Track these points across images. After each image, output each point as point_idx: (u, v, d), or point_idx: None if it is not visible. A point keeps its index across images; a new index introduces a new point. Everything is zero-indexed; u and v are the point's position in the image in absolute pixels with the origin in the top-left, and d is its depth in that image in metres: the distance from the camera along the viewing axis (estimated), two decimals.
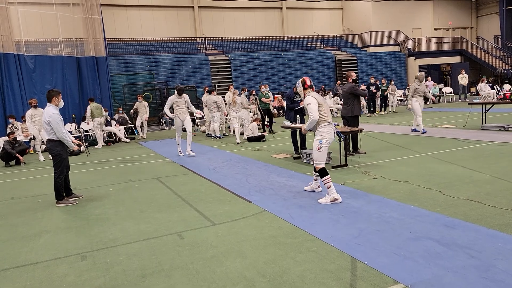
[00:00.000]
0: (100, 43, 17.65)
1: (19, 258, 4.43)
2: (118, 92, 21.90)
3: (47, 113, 6.44)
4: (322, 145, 5.66)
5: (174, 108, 10.56)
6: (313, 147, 5.75)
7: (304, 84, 5.89)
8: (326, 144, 5.69)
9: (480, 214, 4.67)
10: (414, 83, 11.84)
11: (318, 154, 5.67)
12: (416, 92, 11.69)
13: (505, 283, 3.12)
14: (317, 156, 5.68)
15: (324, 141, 5.67)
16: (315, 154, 5.70)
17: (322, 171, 5.60)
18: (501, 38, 30.32)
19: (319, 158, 5.67)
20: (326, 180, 5.57)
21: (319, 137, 5.69)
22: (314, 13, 32.24)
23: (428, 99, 23.99)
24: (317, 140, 5.70)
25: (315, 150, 5.71)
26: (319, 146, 5.66)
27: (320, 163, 5.65)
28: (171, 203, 6.22)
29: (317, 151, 5.68)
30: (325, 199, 5.58)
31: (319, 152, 5.67)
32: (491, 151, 8.43)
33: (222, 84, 24.33)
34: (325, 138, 5.68)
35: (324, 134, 5.69)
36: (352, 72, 9.41)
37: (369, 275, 3.41)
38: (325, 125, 5.71)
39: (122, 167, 9.84)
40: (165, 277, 3.68)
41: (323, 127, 5.72)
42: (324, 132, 5.70)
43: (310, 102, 5.69)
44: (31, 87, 15.52)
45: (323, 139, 5.67)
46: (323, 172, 5.60)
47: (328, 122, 5.72)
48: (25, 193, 7.75)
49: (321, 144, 5.66)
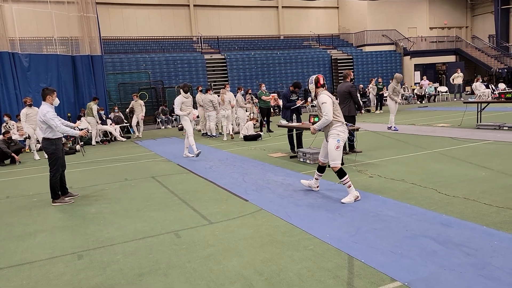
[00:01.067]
0: (96, 41, 17.60)
1: (15, 257, 4.40)
2: (113, 91, 21.83)
3: (41, 112, 6.42)
4: (340, 144, 5.53)
5: (181, 108, 9.96)
6: (330, 147, 5.54)
7: (317, 82, 5.70)
8: (342, 143, 5.58)
9: (476, 212, 4.70)
10: (392, 83, 12.27)
11: (337, 154, 5.51)
12: (394, 92, 12.17)
13: (501, 281, 3.14)
14: (335, 156, 5.50)
15: (341, 140, 5.55)
16: (334, 154, 5.50)
17: (340, 171, 5.47)
18: (496, 37, 30.48)
19: (337, 157, 5.51)
20: (345, 180, 5.46)
21: (336, 136, 5.54)
22: (310, 12, 32.26)
23: (424, 98, 24.18)
24: (334, 139, 5.53)
25: (333, 149, 5.51)
26: (337, 145, 5.51)
27: (338, 163, 5.51)
28: (167, 202, 6.21)
29: (335, 150, 5.50)
30: (349, 198, 5.46)
31: (337, 152, 5.51)
32: (486, 149, 8.47)
33: (218, 83, 24.30)
34: (342, 138, 5.57)
35: (340, 134, 5.56)
36: (350, 72, 9.44)
37: (366, 273, 3.42)
38: (339, 125, 5.59)
39: (118, 166, 9.81)
40: (162, 276, 3.67)
41: (339, 127, 5.58)
42: (340, 132, 5.57)
43: (325, 101, 5.51)
44: (26, 85, 15.46)
45: (340, 138, 5.54)
46: (341, 172, 5.47)
47: (342, 122, 5.61)
48: (21, 192, 7.71)
49: (339, 143, 5.52)
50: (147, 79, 22.96)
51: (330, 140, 5.56)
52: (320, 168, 5.98)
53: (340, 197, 5.69)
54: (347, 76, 9.30)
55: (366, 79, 27.05)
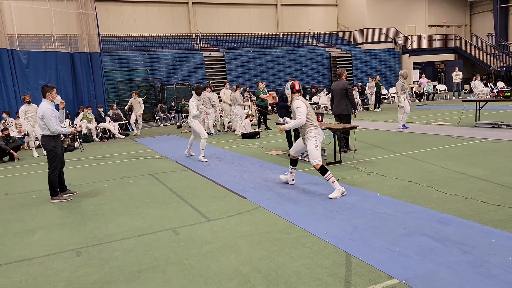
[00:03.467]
0: (94, 38, 17.55)
1: (14, 254, 4.41)
2: (112, 88, 21.79)
3: (41, 109, 6.41)
4: (318, 143, 5.94)
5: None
6: (310, 147, 5.92)
7: (293, 88, 6.12)
8: (320, 142, 5.98)
9: (473, 210, 4.71)
10: (400, 81, 11.99)
11: (317, 153, 5.86)
12: (403, 89, 11.96)
13: (498, 278, 3.16)
14: (316, 155, 5.85)
15: (319, 140, 5.97)
16: (314, 153, 5.86)
17: (322, 168, 5.77)
18: (495, 35, 30.50)
19: (317, 156, 5.85)
20: (328, 176, 5.72)
21: (313, 137, 5.94)
22: (308, 9, 32.21)
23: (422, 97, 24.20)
24: (312, 140, 5.92)
25: (312, 149, 5.88)
26: (316, 145, 5.89)
27: (319, 161, 5.83)
28: (166, 199, 6.22)
29: (315, 149, 5.87)
30: (335, 193, 5.68)
31: (317, 150, 5.88)
32: (485, 148, 8.49)
33: (216, 81, 24.28)
34: (319, 138, 6.00)
35: (317, 135, 5.98)
36: (344, 70, 9.40)
37: (364, 271, 3.44)
38: (314, 128, 6.00)
39: (116, 163, 9.81)
40: (161, 273, 3.68)
41: (314, 130, 6.00)
42: (317, 134, 5.99)
43: (300, 105, 5.95)
44: (24, 82, 15.42)
45: (317, 139, 5.95)
46: (323, 169, 5.76)
47: (315, 126, 6.02)
48: (19, 189, 7.71)
49: (317, 143, 5.92)
50: (146, 76, 22.92)
51: (308, 141, 5.98)
52: (292, 161, 6.47)
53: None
54: (342, 74, 9.25)
55: (365, 77, 27.03)
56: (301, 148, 6.30)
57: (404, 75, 11.93)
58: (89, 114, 15.21)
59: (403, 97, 11.93)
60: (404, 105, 12.01)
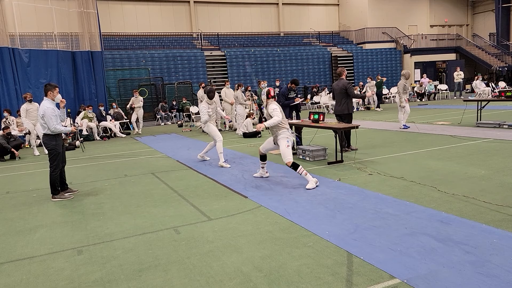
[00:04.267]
0: (95, 37, 17.55)
1: (15, 252, 4.41)
2: (113, 87, 21.80)
3: (41, 107, 6.41)
4: (289, 143, 6.67)
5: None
6: (282, 147, 6.64)
7: (268, 94, 6.97)
8: (291, 143, 6.76)
9: (475, 210, 4.71)
10: (402, 81, 11.96)
11: (288, 151, 6.58)
12: (405, 89, 11.94)
13: (500, 279, 3.15)
14: (287, 153, 6.55)
15: (290, 141, 6.73)
16: (285, 152, 6.57)
17: (294, 164, 6.40)
18: (496, 35, 30.45)
19: (288, 154, 6.55)
20: (300, 170, 6.36)
21: (285, 138, 6.68)
22: (310, 9, 32.18)
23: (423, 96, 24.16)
24: (284, 140, 6.66)
25: (284, 148, 6.61)
26: (287, 144, 6.64)
27: (290, 158, 6.49)
28: (167, 198, 6.22)
29: (286, 148, 6.61)
30: (310, 184, 6.28)
31: (288, 149, 6.60)
32: (486, 147, 8.47)
33: (217, 80, 24.27)
34: (290, 139, 6.76)
35: (289, 137, 6.74)
36: (344, 69, 9.39)
37: (365, 270, 3.43)
38: (286, 131, 6.74)
39: (117, 162, 9.81)
40: (162, 272, 3.68)
41: (286, 132, 6.73)
42: (288, 135, 6.75)
43: (275, 108, 6.72)
44: (25, 81, 15.43)
45: (289, 139, 6.72)
46: (295, 165, 6.40)
47: (287, 128, 6.77)
48: (21, 187, 7.72)
49: (288, 143, 6.65)
50: (147, 75, 22.92)
51: (280, 142, 6.68)
52: (262, 157, 7.17)
53: (338, 195, 5.72)
54: (342, 73, 9.24)
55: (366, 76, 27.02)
56: (270, 147, 7.00)
57: (407, 75, 11.89)
58: (89, 113, 15.25)
59: (404, 97, 11.93)
60: (405, 105, 12.02)
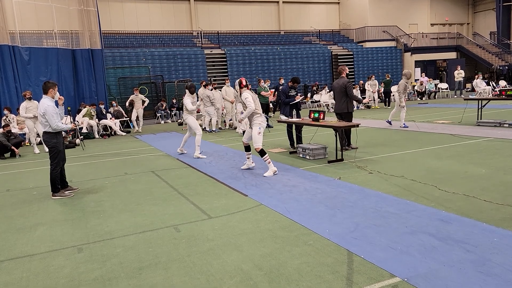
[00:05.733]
0: (96, 35, 17.53)
1: (15, 250, 4.41)
2: (113, 85, 21.78)
3: (42, 105, 6.40)
4: (261, 130, 7.15)
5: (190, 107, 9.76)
6: (253, 133, 7.13)
7: (240, 84, 7.26)
8: (263, 129, 7.21)
9: (475, 209, 4.70)
10: (403, 80, 11.92)
11: (258, 138, 7.11)
12: (405, 89, 11.95)
13: (501, 277, 3.15)
14: (257, 139, 7.10)
15: (262, 128, 7.18)
16: (256, 138, 7.08)
17: (262, 151, 7.04)
18: (497, 34, 30.39)
19: (259, 140, 7.10)
20: (265, 158, 7.05)
21: (258, 125, 7.15)
22: (310, 7, 32.14)
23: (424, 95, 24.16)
24: (256, 127, 7.15)
25: (256, 134, 7.10)
26: (259, 131, 7.12)
27: (260, 145, 7.09)
28: (167, 196, 6.21)
29: (257, 135, 7.10)
30: (269, 172, 7.02)
31: (259, 136, 7.11)
32: (487, 146, 8.47)
33: (218, 78, 24.25)
34: (262, 126, 7.21)
35: (261, 123, 7.19)
36: (345, 67, 9.37)
37: (366, 269, 3.43)
38: (259, 116, 7.20)
39: (117, 160, 9.81)
40: (162, 270, 3.68)
41: (259, 117, 7.19)
42: (261, 122, 7.19)
43: (247, 96, 7.11)
44: (25, 79, 15.41)
45: (261, 126, 7.17)
46: (262, 152, 7.04)
47: (260, 114, 7.21)
48: (21, 185, 7.71)
49: (260, 130, 7.14)
50: (147, 73, 22.90)
51: (253, 128, 7.18)
52: (246, 148, 7.60)
53: (338, 193, 5.72)
54: (343, 72, 9.22)
55: (366, 75, 26.99)
56: (250, 135, 7.35)
57: (408, 75, 11.85)
58: (92, 111, 15.21)
59: (404, 97, 11.94)
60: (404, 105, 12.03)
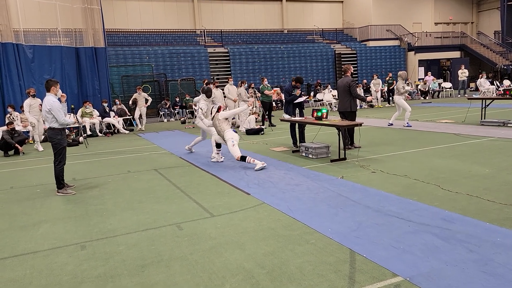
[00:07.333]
0: (99, 33, 17.54)
1: (19, 247, 4.43)
2: (116, 83, 21.82)
3: (47, 102, 6.44)
4: (235, 143, 7.74)
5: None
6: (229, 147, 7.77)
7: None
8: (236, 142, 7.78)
9: (478, 209, 4.69)
10: (400, 82, 11.97)
11: (234, 149, 7.70)
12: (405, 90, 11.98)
13: (504, 277, 3.14)
14: (234, 151, 7.69)
15: (234, 140, 7.76)
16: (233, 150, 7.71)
17: (242, 157, 7.57)
18: (501, 33, 30.25)
19: (235, 151, 7.68)
20: (248, 160, 7.52)
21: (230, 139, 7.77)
22: (314, 6, 32.10)
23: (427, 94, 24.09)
24: (230, 141, 7.76)
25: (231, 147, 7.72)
26: (233, 144, 7.72)
27: (238, 154, 7.64)
28: (170, 194, 6.23)
29: (232, 147, 7.71)
30: (258, 167, 7.40)
31: (234, 148, 7.71)
32: (490, 146, 8.44)
33: (221, 77, 24.25)
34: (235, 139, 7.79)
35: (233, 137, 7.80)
36: (350, 66, 9.37)
37: (368, 268, 3.43)
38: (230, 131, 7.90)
39: (120, 158, 9.83)
40: (165, 268, 3.69)
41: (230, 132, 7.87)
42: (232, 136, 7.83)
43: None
44: (29, 77, 15.44)
45: (233, 140, 7.75)
46: (243, 157, 7.56)
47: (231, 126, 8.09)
48: (24, 182, 7.74)
49: (234, 142, 7.73)
50: (150, 72, 22.93)
51: (227, 142, 7.82)
52: (217, 145, 8.36)
53: (341, 192, 5.71)
54: (347, 71, 9.21)
55: (370, 74, 26.95)
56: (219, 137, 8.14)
57: (403, 76, 11.92)
58: (87, 109, 15.10)
59: (403, 97, 11.97)
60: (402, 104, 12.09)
